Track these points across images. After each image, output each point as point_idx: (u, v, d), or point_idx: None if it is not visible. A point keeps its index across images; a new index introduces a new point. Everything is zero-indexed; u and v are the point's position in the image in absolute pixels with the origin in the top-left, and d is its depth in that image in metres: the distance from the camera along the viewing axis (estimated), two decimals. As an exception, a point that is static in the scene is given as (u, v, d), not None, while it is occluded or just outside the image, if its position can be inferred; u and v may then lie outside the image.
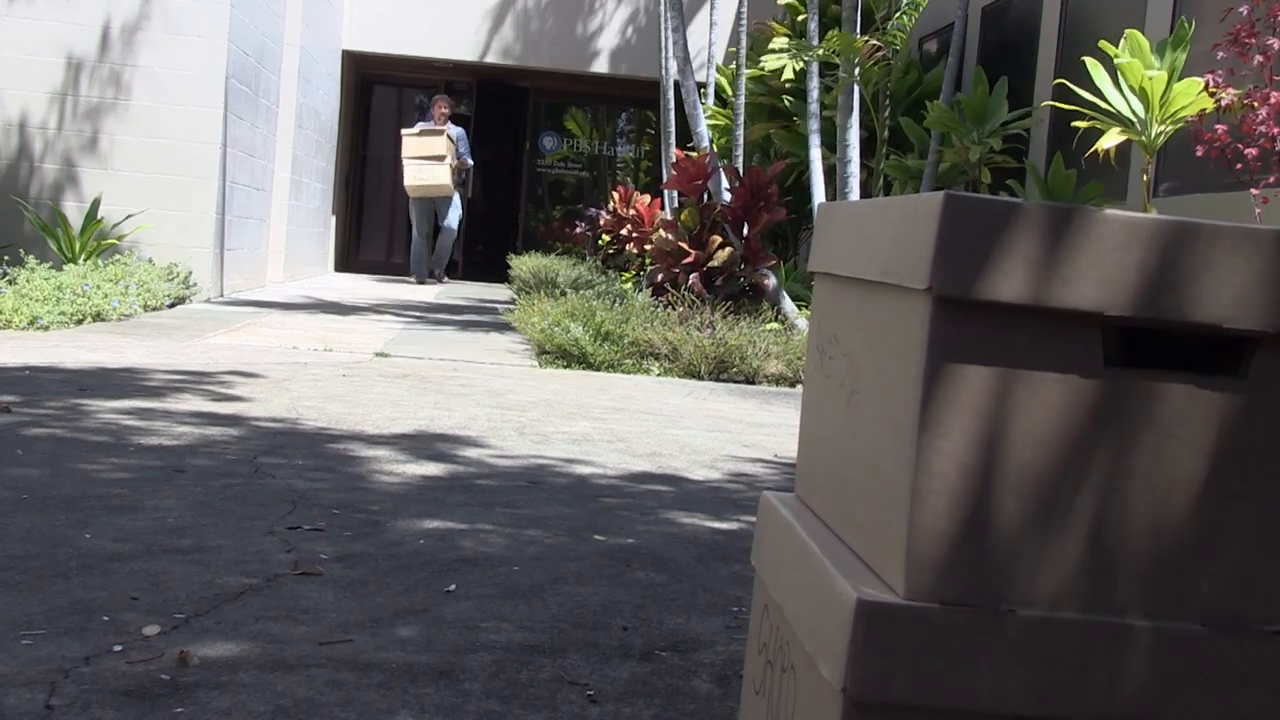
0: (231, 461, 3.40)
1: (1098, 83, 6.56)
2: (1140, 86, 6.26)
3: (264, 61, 10.35)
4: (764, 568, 1.46)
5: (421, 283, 13.72)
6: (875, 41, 8.21)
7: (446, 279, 14.29)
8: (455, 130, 13.68)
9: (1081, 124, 6.55)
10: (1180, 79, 6.27)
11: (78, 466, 3.20)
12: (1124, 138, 6.39)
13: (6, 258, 8.03)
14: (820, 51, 8.18)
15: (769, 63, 8.98)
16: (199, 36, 8.80)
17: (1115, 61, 6.35)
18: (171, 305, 8.26)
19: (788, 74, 8.71)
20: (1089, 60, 6.64)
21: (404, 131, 13.42)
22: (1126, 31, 6.48)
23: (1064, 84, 7.15)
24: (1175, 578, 1.10)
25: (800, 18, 10.46)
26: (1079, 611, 1.09)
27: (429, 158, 13.15)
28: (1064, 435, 1.09)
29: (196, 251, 8.89)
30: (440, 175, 13.17)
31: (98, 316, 7.01)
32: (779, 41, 9.14)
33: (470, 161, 14.02)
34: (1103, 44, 6.46)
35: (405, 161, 13.17)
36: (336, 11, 14.20)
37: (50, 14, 8.66)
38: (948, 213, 1.07)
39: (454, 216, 13.70)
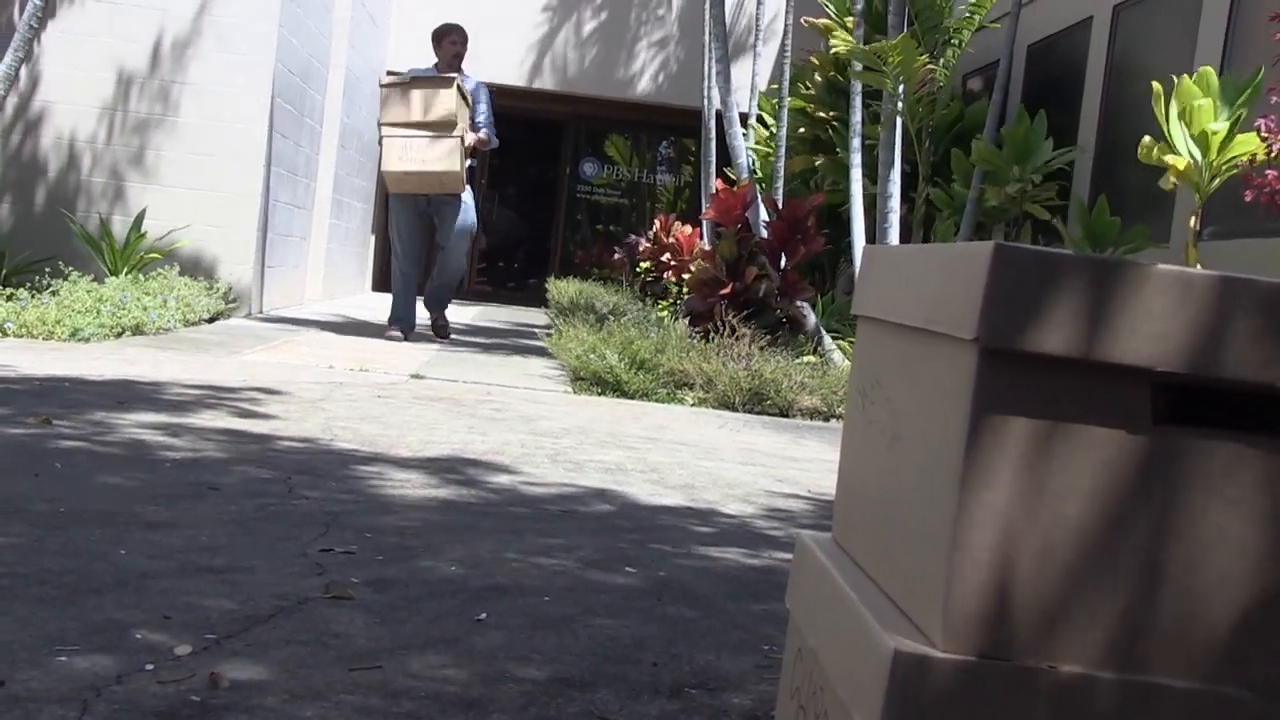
0: (265, 480, 3.42)
1: (1158, 111, 6.47)
2: (1201, 133, 6.22)
3: (309, 81, 10.44)
4: (799, 611, 1.44)
5: (405, 337, 8.40)
6: (932, 65, 8.22)
7: (447, 333, 8.94)
8: (474, 84, 8.28)
9: (1167, 158, 6.40)
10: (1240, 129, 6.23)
11: (113, 481, 3.21)
12: (1184, 175, 6.32)
13: (48, 270, 8.11)
14: (888, 61, 8.17)
15: (836, 45, 8.98)
16: (247, 56, 8.89)
17: (1191, 103, 6.26)
18: (210, 320, 8.31)
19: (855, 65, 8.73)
20: (1156, 85, 6.54)
21: (382, 83, 8.04)
22: (1202, 68, 6.43)
23: (1116, 118, 7.09)
24: (1220, 640, 1.08)
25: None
26: (1120, 671, 1.08)
27: (428, 125, 7.76)
28: (1109, 491, 1.08)
29: (237, 267, 8.95)
30: (445, 156, 7.76)
31: (137, 330, 7.07)
32: (842, 34, 9.17)
33: (495, 141, 8.45)
34: (1185, 84, 6.37)
35: (384, 133, 7.84)
36: (382, 34, 14.32)
37: (103, 30, 8.77)
38: (996, 263, 1.06)
39: (462, 229, 8.31)
